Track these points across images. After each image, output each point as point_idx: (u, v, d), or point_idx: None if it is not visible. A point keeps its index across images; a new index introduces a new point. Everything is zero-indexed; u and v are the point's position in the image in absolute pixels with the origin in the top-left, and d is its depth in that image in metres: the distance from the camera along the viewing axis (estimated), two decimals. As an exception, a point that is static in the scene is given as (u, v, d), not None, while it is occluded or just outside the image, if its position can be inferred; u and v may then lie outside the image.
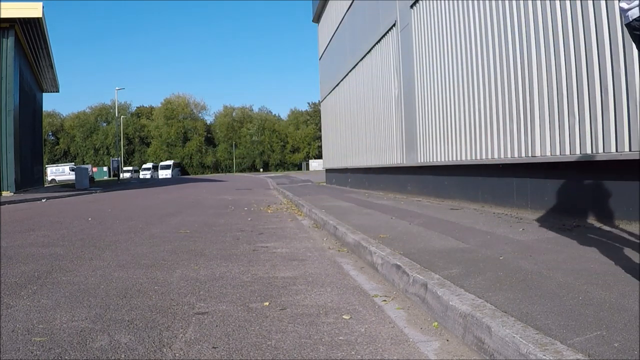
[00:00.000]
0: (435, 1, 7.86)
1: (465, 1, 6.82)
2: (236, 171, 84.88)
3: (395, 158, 10.08)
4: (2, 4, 14.87)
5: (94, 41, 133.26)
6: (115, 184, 30.81)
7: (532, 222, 4.68)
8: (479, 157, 6.56)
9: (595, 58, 4.36)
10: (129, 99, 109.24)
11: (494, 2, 6.03)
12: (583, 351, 1.52)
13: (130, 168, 66.30)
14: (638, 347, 1.54)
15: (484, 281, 2.47)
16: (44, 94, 27.60)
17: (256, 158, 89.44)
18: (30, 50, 19.43)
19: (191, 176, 69.04)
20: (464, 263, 2.94)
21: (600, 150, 4.32)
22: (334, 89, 16.54)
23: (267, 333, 2.10)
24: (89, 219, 7.33)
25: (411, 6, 8.81)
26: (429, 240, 3.86)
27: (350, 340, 2.00)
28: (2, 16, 14.91)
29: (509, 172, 5.96)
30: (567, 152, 4.74)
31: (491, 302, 2.08)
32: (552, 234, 3.91)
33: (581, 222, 4.46)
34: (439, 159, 7.90)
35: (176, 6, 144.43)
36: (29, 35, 17.55)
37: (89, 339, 2.04)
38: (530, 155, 5.35)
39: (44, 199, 13.53)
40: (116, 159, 42.55)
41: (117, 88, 40.79)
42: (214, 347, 1.94)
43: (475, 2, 6.51)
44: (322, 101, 19.86)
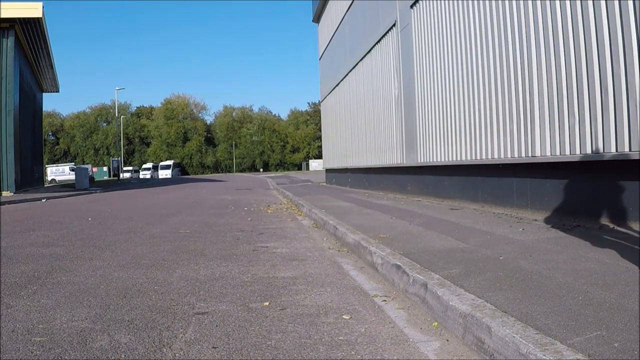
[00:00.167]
0: (435, 1, 7.86)
1: (465, 1, 6.82)
2: (236, 171, 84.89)
3: (395, 158, 10.08)
4: (2, 4, 14.87)
5: (94, 41, 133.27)
6: (115, 184, 30.82)
7: (532, 222, 4.68)
8: (479, 157, 6.56)
9: (595, 58, 4.36)
10: (129, 99, 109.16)
11: (494, 2, 6.04)
12: (583, 351, 1.52)
13: (130, 168, 66.31)
14: (638, 347, 1.54)
15: (484, 281, 2.47)
16: (44, 94, 27.61)
17: (256, 158, 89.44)
18: (30, 50, 19.43)
19: (191, 176, 69.04)
20: (464, 263, 2.94)
21: (600, 150, 4.32)
22: (334, 89, 16.54)
23: (267, 333, 2.10)
24: (89, 219, 7.33)
25: (411, 6, 8.81)
26: (429, 240, 3.86)
27: (350, 340, 2.00)
28: (2, 16, 14.91)
29: (509, 172, 5.96)
30: (567, 152, 4.74)
31: (491, 302, 2.08)
32: (552, 234, 3.91)
33: (581, 222, 4.46)
34: (439, 159, 7.90)
35: (176, 6, 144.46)
36: (29, 35, 17.55)
37: (89, 339, 2.04)
38: (530, 155, 5.35)
39: (44, 199, 13.53)
40: (116, 159, 42.54)
41: (117, 88, 40.80)
42: (214, 347, 1.94)
43: (475, 2, 6.51)
44: (322, 101, 19.86)
